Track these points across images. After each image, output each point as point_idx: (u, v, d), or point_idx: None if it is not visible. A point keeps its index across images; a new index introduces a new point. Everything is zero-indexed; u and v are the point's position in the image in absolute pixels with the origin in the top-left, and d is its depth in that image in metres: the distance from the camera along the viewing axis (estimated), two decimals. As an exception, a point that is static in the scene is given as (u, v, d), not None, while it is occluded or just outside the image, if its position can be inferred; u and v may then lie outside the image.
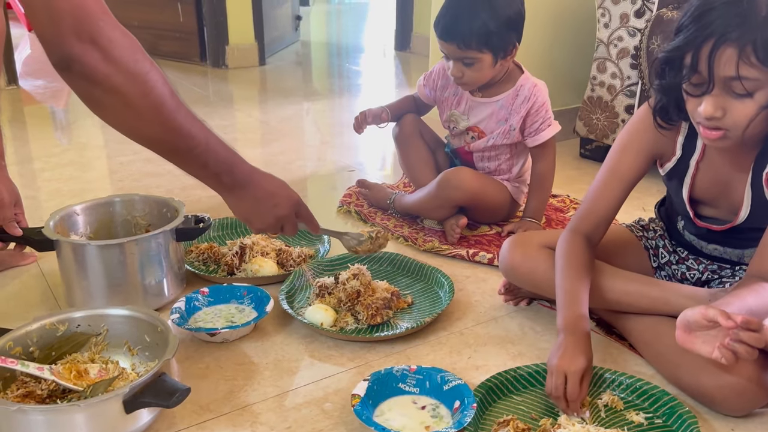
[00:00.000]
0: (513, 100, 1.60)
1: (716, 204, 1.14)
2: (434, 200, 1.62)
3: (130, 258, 1.25)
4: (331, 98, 3.37)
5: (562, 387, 1.01)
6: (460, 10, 1.49)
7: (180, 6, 3.86)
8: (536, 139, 1.60)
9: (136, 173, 2.11)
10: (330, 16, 7.19)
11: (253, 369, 1.14)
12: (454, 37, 1.49)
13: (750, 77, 0.91)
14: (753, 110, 0.94)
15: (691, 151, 1.13)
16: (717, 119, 0.96)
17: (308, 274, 1.40)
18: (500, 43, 1.50)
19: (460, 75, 1.54)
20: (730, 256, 1.18)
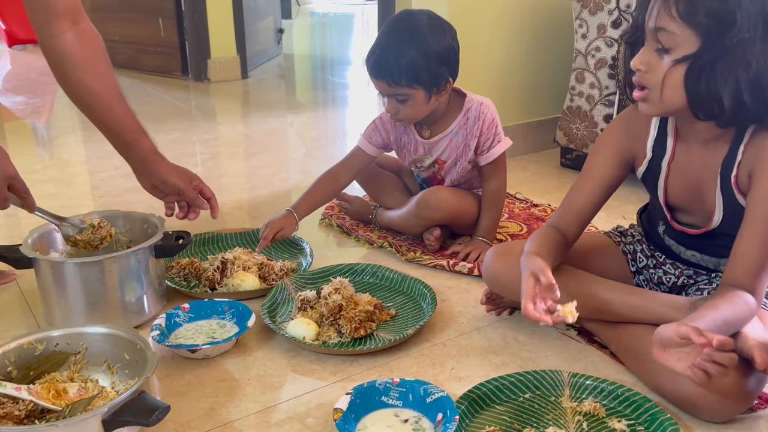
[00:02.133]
0: (465, 124, 1.59)
1: (691, 210, 1.16)
2: (414, 219, 1.64)
3: (109, 275, 1.24)
4: (314, 111, 3.37)
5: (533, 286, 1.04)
6: (388, 47, 1.46)
7: (161, 20, 3.86)
8: (488, 156, 1.60)
9: (116, 189, 2.10)
10: (313, 28, 7.22)
11: (234, 385, 1.13)
12: (384, 75, 1.47)
13: (668, 29, 0.96)
14: (668, 65, 0.98)
15: (662, 153, 1.15)
16: (641, 74, 1.01)
17: (290, 288, 1.40)
18: (431, 79, 1.47)
19: (395, 111, 1.52)
20: (707, 264, 1.19)
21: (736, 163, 1.06)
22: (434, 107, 1.55)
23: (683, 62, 0.97)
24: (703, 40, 0.95)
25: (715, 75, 0.96)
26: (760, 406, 1.07)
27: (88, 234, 1.34)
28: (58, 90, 3.78)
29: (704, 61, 0.96)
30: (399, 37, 1.47)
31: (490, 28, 2.23)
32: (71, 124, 3.06)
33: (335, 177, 1.66)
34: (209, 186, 1.47)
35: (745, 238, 1.03)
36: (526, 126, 2.43)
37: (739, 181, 1.06)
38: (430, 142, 1.63)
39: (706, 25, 0.94)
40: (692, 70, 0.97)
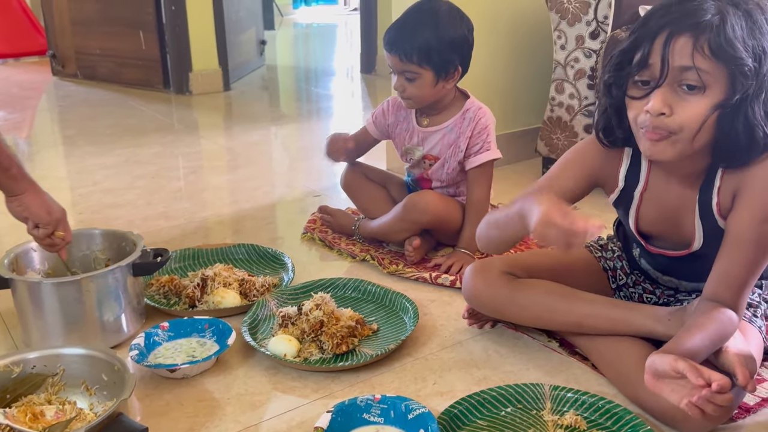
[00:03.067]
0: (461, 123, 1.62)
1: (666, 237, 1.15)
2: (400, 223, 1.64)
3: (87, 295, 1.23)
4: (298, 122, 3.37)
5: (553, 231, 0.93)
6: (406, 24, 1.53)
7: (142, 33, 3.84)
8: (474, 161, 1.61)
9: (95, 205, 2.08)
10: (296, 39, 7.22)
11: (214, 405, 1.12)
12: (397, 49, 1.52)
13: (703, 68, 0.90)
14: (704, 108, 0.92)
15: (635, 183, 1.14)
16: (664, 118, 0.94)
17: (272, 304, 1.39)
18: (441, 62, 1.53)
19: (402, 89, 1.57)
20: (685, 288, 1.18)
21: (716, 189, 1.05)
22: (439, 95, 1.59)
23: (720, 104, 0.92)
24: (738, 78, 0.91)
25: (753, 114, 0.92)
26: (740, 416, 1.07)
27: None
28: (38, 104, 3.77)
29: (742, 98, 0.92)
30: (418, 17, 1.53)
31: (470, 40, 2.24)
32: (52, 139, 3.04)
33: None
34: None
35: (728, 256, 1.03)
36: (508, 136, 2.43)
37: (721, 206, 1.05)
38: (426, 132, 1.66)
39: (742, 62, 0.90)
40: (729, 113, 0.92)
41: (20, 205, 1.28)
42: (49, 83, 4.27)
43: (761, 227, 1.01)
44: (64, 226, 1.32)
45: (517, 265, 1.27)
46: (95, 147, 2.76)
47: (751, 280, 1.04)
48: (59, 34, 4.26)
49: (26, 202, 1.28)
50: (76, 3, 4.11)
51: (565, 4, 2.03)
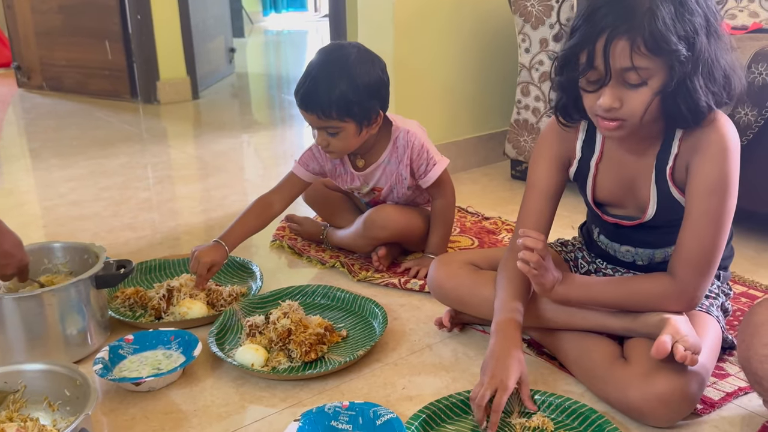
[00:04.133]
0: (395, 152, 1.58)
1: (622, 204, 1.18)
2: (361, 239, 1.63)
3: (49, 309, 1.21)
4: (268, 129, 3.35)
5: (488, 398, 1.02)
6: (318, 80, 1.44)
7: (108, 43, 3.80)
8: (426, 180, 1.59)
9: (61, 217, 2.05)
10: (267, 47, 7.19)
11: (180, 417, 1.10)
12: (314, 108, 1.44)
13: (642, 66, 0.97)
14: (648, 97, 0.99)
15: (591, 153, 1.18)
16: (615, 110, 1.00)
17: (239, 314, 1.38)
18: (362, 112, 1.46)
19: (326, 144, 1.49)
20: (641, 258, 1.21)
21: (672, 156, 1.08)
22: (364, 140, 1.53)
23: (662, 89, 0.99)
24: (675, 64, 0.97)
25: (695, 89, 0.98)
26: (705, 410, 1.09)
27: None
28: (4, 117, 3.70)
29: (681, 81, 0.98)
30: (329, 69, 1.45)
31: (436, 45, 2.25)
32: (17, 152, 2.98)
33: (268, 205, 1.59)
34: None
35: (683, 230, 1.07)
36: (476, 140, 2.45)
37: (675, 173, 1.09)
38: (365, 174, 1.61)
39: (676, 52, 0.96)
40: (671, 93, 0.99)
41: None
42: (14, 95, 4.20)
43: (709, 198, 1.04)
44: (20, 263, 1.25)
45: (481, 259, 1.31)
46: (61, 159, 2.72)
47: (705, 258, 1.06)
48: (24, 46, 4.20)
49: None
50: (41, 14, 4.05)
51: (528, 7, 2.05)
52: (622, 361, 1.09)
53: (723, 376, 1.17)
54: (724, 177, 1.04)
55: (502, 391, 1.02)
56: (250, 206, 1.58)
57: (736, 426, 1.06)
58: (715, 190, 1.04)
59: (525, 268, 1.09)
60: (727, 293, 1.25)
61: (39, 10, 4.04)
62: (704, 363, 1.04)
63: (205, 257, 1.44)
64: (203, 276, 1.43)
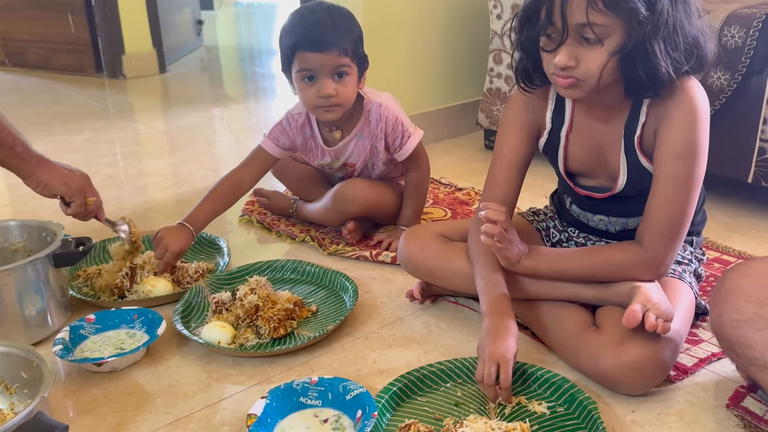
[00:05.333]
0: (368, 127, 1.54)
1: (594, 174, 1.16)
2: (331, 214, 1.60)
3: (5, 289, 1.16)
4: (239, 103, 3.28)
5: (494, 375, 0.99)
6: (328, 20, 1.41)
7: (71, 17, 3.68)
8: (402, 153, 1.56)
9: (23, 196, 1.98)
10: (238, 19, 7.04)
11: (144, 397, 1.07)
12: (333, 44, 1.39)
13: (598, 23, 0.94)
14: (604, 57, 0.97)
15: (561, 124, 1.15)
16: (571, 68, 0.98)
17: (206, 291, 1.34)
18: (363, 60, 1.47)
19: (333, 93, 1.42)
20: (614, 226, 1.19)
21: (640, 124, 1.06)
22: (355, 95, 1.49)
23: (619, 49, 0.96)
24: (633, 24, 0.94)
25: (655, 53, 0.95)
26: (678, 377, 1.08)
27: (134, 226, 1.42)
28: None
29: (639, 42, 0.95)
30: (333, 12, 1.44)
31: (405, 14, 2.20)
32: (-23, 129, 2.89)
33: (237, 183, 1.52)
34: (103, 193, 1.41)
35: (651, 197, 1.06)
36: (448, 110, 2.41)
37: (643, 142, 1.07)
38: (336, 149, 1.57)
39: (635, 11, 0.93)
40: (629, 54, 0.96)
41: (38, 185, 1.26)
42: (-26, 72, 4.07)
43: (677, 164, 1.02)
44: (90, 191, 1.33)
45: (451, 230, 1.29)
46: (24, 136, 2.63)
47: (673, 225, 1.04)
48: (-17, 20, 4.06)
49: (43, 180, 1.26)
50: (0, -13, 3.92)
51: (499, -28, 2.00)
52: (594, 330, 1.08)
53: (696, 342, 1.17)
54: (692, 142, 1.01)
55: (506, 364, 1.00)
56: (217, 184, 1.52)
57: (709, 392, 1.05)
58: (683, 155, 1.02)
59: (489, 242, 1.07)
60: (700, 259, 1.24)
61: (-2, -18, 3.91)
62: (677, 329, 1.03)
63: (174, 245, 1.38)
64: (169, 264, 1.39)
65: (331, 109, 1.46)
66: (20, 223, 1.35)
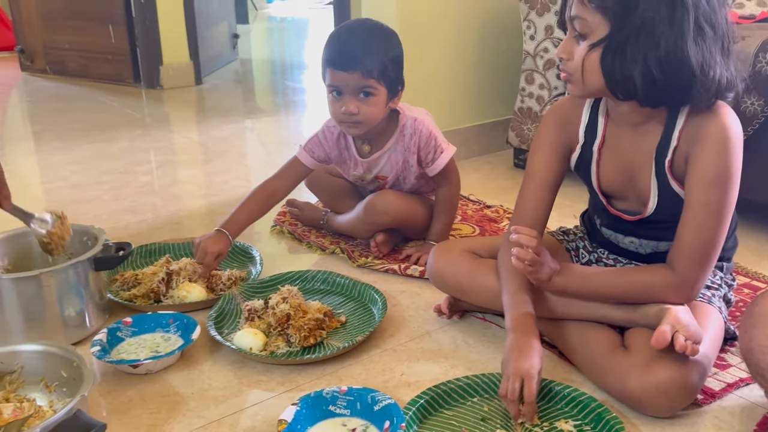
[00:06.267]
0: (402, 141, 1.57)
1: (625, 195, 1.17)
2: (361, 225, 1.63)
3: (47, 290, 1.20)
4: (270, 115, 3.34)
5: (518, 391, 1.00)
6: (359, 40, 1.46)
7: (111, 28, 3.79)
8: (433, 168, 1.58)
9: (63, 200, 2.04)
10: (271, 33, 7.16)
11: (178, 400, 1.10)
12: (357, 65, 1.43)
13: (581, 16, 1.01)
14: (584, 51, 1.02)
15: (593, 139, 1.16)
16: (565, 62, 1.05)
17: (238, 298, 1.37)
18: (394, 80, 1.49)
19: (355, 111, 1.46)
20: (645, 249, 1.20)
21: (671, 148, 1.07)
22: (384, 116, 1.52)
23: (597, 46, 1.01)
24: (612, 23, 0.99)
25: (626, 56, 0.99)
26: (705, 401, 1.08)
27: (58, 226, 1.30)
28: (7, 100, 3.70)
29: (615, 43, 0.99)
30: (369, 33, 1.47)
31: (439, 32, 2.24)
32: (20, 134, 2.98)
33: (272, 192, 1.57)
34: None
35: (683, 221, 1.06)
36: (479, 128, 2.43)
37: (674, 166, 1.08)
38: (369, 161, 1.60)
39: (612, 9, 0.98)
40: (606, 53, 1.00)
41: None
42: (17, 79, 4.19)
43: (709, 190, 1.03)
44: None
45: (481, 246, 1.31)
46: (63, 142, 2.71)
47: (704, 250, 1.05)
48: (27, 29, 4.18)
49: None
50: (44, -3, 4.04)
51: (534, -6, 2.03)
52: (622, 350, 1.08)
53: (724, 367, 1.16)
54: (724, 169, 1.02)
55: (530, 380, 1.00)
56: (252, 193, 1.56)
57: (736, 417, 1.05)
58: (715, 182, 1.02)
59: (520, 266, 1.08)
60: (730, 284, 1.24)
61: (42, -8, 4.03)
62: (706, 353, 1.03)
63: (213, 248, 1.42)
64: (211, 266, 1.43)
65: (354, 126, 1.51)
66: (63, 226, 1.39)
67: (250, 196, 1.55)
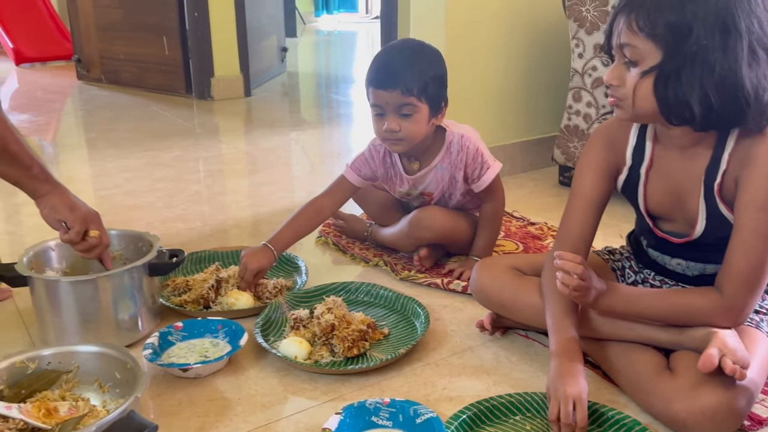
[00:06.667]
0: (449, 157, 1.58)
1: (672, 217, 1.16)
2: (406, 239, 1.65)
3: (103, 293, 1.25)
4: (317, 128, 3.39)
5: (571, 414, 1.00)
6: (399, 60, 1.48)
7: (165, 39, 3.90)
8: (479, 184, 1.59)
9: (116, 206, 2.11)
10: (318, 46, 7.27)
11: (225, 404, 1.13)
12: (397, 83, 1.45)
13: (632, 44, 1.00)
14: (636, 78, 1.02)
15: (641, 160, 1.16)
16: (615, 88, 1.05)
17: (284, 307, 1.40)
18: (435, 97, 1.49)
19: (397, 128, 1.48)
20: (692, 271, 1.19)
21: (721, 171, 1.06)
22: (427, 133, 1.54)
23: (650, 73, 1.00)
24: (665, 50, 0.98)
25: (681, 83, 0.98)
26: (752, 427, 1.06)
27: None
28: (63, 108, 3.84)
29: (669, 70, 0.99)
30: (411, 53, 1.50)
31: (487, 48, 2.25)
32: (75, 142, 3.09)
33: (319, 210, 1.60)
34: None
35: (731, 245, 1.05)
36: (524, 144, 2.44)
37: (723, 189, 1.07)
38: (415, 178, 1.62)
39: (665, 37, 0.98)
40: (659, 80, 1.00)
41: (46, 206, 1.29)
42: (74, 87, 4.34)
43: (758, 215, 1.02)
44: (96, 225, 1.30)
45: (525, 263, 1.31)
46: (117, 150, 2.80)
47: (754, 275, 1.03)
48: (84, 39, 4.34)
49: (51, 202, 1.29)
50: (102, 9, 4.18)
51: (583, 12, 2.03)
52: (667, 373, 1.08)
53: (773, 394, 1.14)
54: None
55: (581, 403, 1.01)
56: (300, 209, 1.59)
57: (784, 445, 1.03)
58: (766, 206, 1.01)
59: (565, 291, 1.08)
60: (780, 309, 1.22)
61: (100, 4, 4.18)
62: (753, 378, 1.02)
63: (253, 264, 1.45)
64: (249, 283, 1.46)
65: (396, 143, 1.53)
66: (120, 232, 1.44)
67: (298, 213, 1.59)
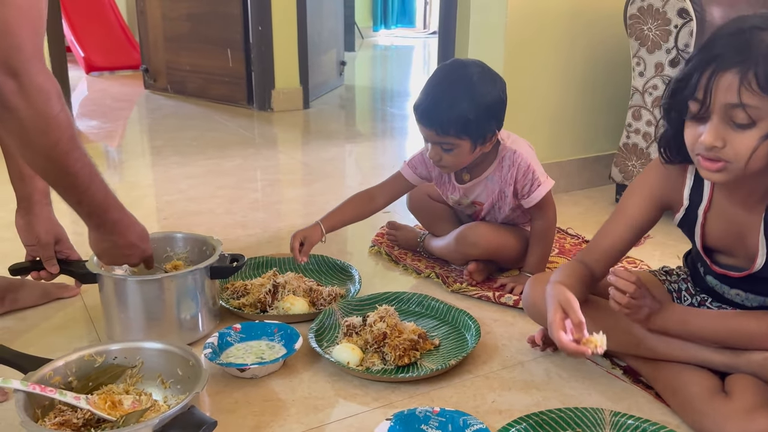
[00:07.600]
0: (500, 172, 1.59)
1: (732, 252, 1.14)
2: (453, 254, 1.67)
3: (167, 293, 1.31)
4: (372, 141, 3.44)
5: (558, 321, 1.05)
6: (439, 97, 1.46)
7: (230, 52, 4.02)
8: (529, 201, 1.59)
9: (180, 212, 2.19)
10: (375, 61, 7.35)
11: (280, 405, 1.17)
12: (433, 123, 1.46)
13: (752, 105, 0.91)
14: (754, 141, 0.93)
15: (698, 201, 1.14)
16: (717, 149, 0.95)
17: (338, 314, 1.43)
18: (479, 131, 1.47)
19: (438, 158, 1.51)
20: (751, 302, 1.16)
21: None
22: (476, 158, 1.55)
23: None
24: None
25: None
26: (811, 456, 1.04)
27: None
28: (130, 116, 3.99)
29: None
30: (451, 88, 1.46)
31: (546, 65, 2.25)
32: (141, 148, 3.22)
33: (371, 198, 1.68)
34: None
35: None
36: (581, 161, 2.42)
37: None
38: (466, 187, 1.64)
39: None
40: None
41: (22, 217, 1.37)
42: (140, 96, 4.51)
43: None
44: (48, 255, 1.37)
45: None
46: (181, 157, 2.90)
47: None
48: (153, 50, 4.51)
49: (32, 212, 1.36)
50: (170, 21, 4.34)
51: (645, 31, 2.01)
52: (722, 395, 1.06)
53: (834, 424, 1.11)
54: None
55: (569, 307, 1.05)
56: (352, 196, 1.68)
57: None
58: None
59: (616, 308, 1.08)
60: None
61: (169, 17, 4.33)
62: (811, 405, 1.00)
63: (298, 233, 1.58)
64: (295, 248, 1.56)
65: (442, 168, 1.57)
66: (185, 235, 1.50)
67: (350, 199, 1.68)
